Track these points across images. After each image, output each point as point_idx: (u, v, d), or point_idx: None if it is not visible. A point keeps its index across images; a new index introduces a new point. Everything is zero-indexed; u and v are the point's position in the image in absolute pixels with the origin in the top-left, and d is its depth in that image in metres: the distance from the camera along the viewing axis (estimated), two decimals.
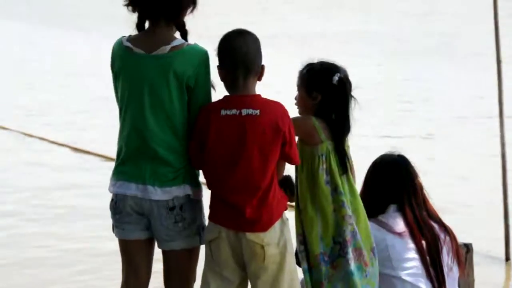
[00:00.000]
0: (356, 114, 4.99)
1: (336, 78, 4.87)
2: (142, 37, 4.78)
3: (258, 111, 4.67)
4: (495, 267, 8.25)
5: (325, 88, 4.87)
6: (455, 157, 12.52)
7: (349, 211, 4.80)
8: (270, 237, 4.71)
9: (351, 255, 4.79)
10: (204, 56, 4.75)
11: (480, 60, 19.30)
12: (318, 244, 4.81)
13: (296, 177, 4.88)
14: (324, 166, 4.83)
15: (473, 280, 5.84)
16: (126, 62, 4.76)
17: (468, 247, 5.78)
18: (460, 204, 9.87)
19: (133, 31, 4.84)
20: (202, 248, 4.92)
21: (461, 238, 5.81)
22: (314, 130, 4.85)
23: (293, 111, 4.97)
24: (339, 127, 4.86)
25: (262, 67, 4.77)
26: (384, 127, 14.17)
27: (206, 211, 4.90)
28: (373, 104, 14.47)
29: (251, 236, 4.70)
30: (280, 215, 4.74)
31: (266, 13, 32.15)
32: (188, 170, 4.80)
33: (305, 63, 4.98)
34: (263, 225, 4.70)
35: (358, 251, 4.83)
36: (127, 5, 4.79)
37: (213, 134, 4.70)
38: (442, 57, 21.39)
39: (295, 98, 4.97)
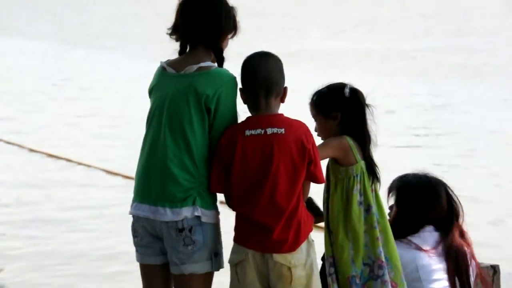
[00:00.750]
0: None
1: (347, 90, 4.87)
2: (178, 59, 4.80)
3: (283, 130, 4.67)
4: None
5: (341, 104, 4.88)
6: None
7: (378, 232, 4.79)
8: (297, 258, 4.68)
9: (387, 276, 4.76)
10: (228, 79, 4.72)
11: None
12: (350, 267, 4.77)
13: (327, 198, 4.87)
14: (359, 186, 4.80)
15: None
16: (158, 81, 4.78)
17: (495, 269, 5.71)
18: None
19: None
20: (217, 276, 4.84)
21: (489, 257, 5.92)
22: (350, 149, 4.84)
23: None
24: (361, 136, 4.85)
25: (285, 89, 4.78)
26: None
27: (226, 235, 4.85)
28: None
29: (278, 257, 4.67)
30: (306, 236, 4.72)
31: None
32: (201, 192, 4.72)
33: (311, 94, 4.98)
34: (290, 246, 4.67)
35: (393, 273, 4.82)
36: (170, 34, 4.82)
37: (239, 154, 4.68)
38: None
39: (315, 130, 4.95)
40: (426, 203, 5.18)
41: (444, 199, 5.22)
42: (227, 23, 4.78)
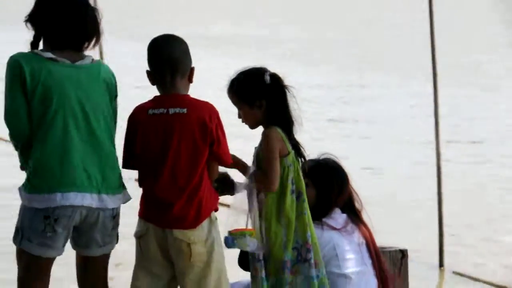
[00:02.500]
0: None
1: (267, 77, 4.82)
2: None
3: (185, 110, 4.69)
4: (429, 273, 8.21)
5: (264, 91, 4.81)
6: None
7: (307, 217, 4.82)
8: (197, 235, 4.69)
9: (313, 260, 4.79)
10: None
11: None
12: (283, 252, 4.78)
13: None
14: (291, 175, 4.79)
15: (407, 285, 5.74)
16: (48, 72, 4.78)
17: (403, 253, 5.71)
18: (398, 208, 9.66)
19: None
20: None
21: (398, 242, 5.89)
22: (282, 141, 4.81)
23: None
24: (287, 122, 4.81)
25: (192, 69, 4.80)
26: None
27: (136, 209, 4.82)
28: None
29: (177, 233, 4.68)
30: (208, 214, 4.73)
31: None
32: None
33: (228, 81, 4.90)
34: (190, 223, 4.68)
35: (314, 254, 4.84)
36: None
37: (140, 132, 4.72)
38: None
39: (239, 117, 4.90)
40: (339, 187, 5.25)
41: (344, 178, 5.29)
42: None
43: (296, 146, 4.83)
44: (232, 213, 4.94)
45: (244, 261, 5.03)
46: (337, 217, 5.21)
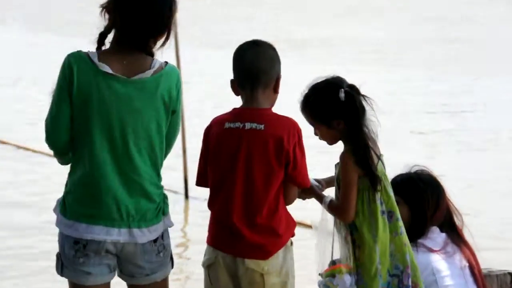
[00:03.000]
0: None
1: (342, 94, 4.64)
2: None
3: (263, 126, 4.60)
4: None
5: (340, 111, 4.67)
6: None
7: (404, 238, 4.73)
8: (271, 265, 4.63)
9: (411, 283, 4.71)
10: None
11: None
12: (378, 280, 4.67)
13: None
14: (379, 195, 4.67)
15: None
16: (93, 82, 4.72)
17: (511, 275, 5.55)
18: None
19: None
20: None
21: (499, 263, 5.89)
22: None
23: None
24: (362, 140, 4.70)
25: (277, 80, 4.68)
26: None
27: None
28: None
29: (250, 263, 4.62)
30: (285, 242, 4.66)
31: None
32: (165, 201, 4.67)
33: (300, 98, 4.78)
34: (265, 252, 4.61)
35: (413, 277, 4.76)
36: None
37: (213, 147, 4.67)
38: None
39: (315, 134, 4.81)
40: (435, 202, 5.10)
41: (441, 193, 5.15)
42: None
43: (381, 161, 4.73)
44: (318, 237, 4.84)
45: None
46: (435, 236, 5.08)
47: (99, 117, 4.49)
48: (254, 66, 4.63)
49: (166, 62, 4.58)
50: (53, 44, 24.99)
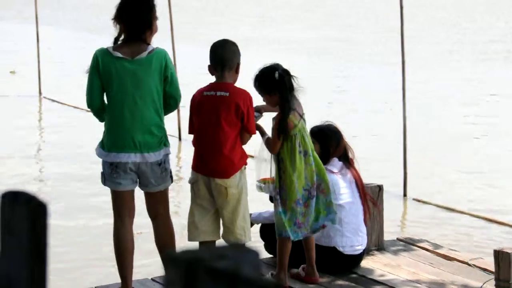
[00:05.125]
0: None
1: (276, 75, 4.68)
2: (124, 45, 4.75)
3: (228, 93, 4.61)
4: (396, 202, 8.02)
5: (275, 85, 4.68)
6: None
7: (314, 166, 4.75)
8: (231, 181, 4.66)
9: (315, 195, 4.76)
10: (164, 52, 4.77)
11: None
12: (296, 193, 4.70)
13: (279, 153, 4.73)
14: (298, 140, 4.70)
15: (382, 210, 5.70)
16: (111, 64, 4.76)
17: (380, 187, 5.65)
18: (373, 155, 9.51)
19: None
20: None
21: (374, 179, 5.80)
22: (290, 121, 4.69)
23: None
24: (287, 105, 4.68)
25: (238, 65, 4.68)
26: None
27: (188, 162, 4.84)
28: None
29: (218, 180, 4.68)
30: (240, 167, 4.69)
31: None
32: (166, 136, 4.74)
33: (253, 77, 4.77)
34: (227, 174, 4.66)
35: (321, 187, 4.78)
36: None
37: (198, 107, 4.66)
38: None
39: (264, 101, 4.80)
40: (335, 142, 5.16)
41: (339, 136, 5.22)
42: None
43: (303, 118, 4.74)
44: (257, 161, 4.88)
45: (264, 232, 5.10)
46: (335, 163, 5.13)
47: (117, 84, 4.56)
48: (223, 55, 4.63)
49: (157, 47, 4.62)
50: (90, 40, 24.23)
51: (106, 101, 4.68)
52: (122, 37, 4.64)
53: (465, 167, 9.55)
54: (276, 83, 4.65)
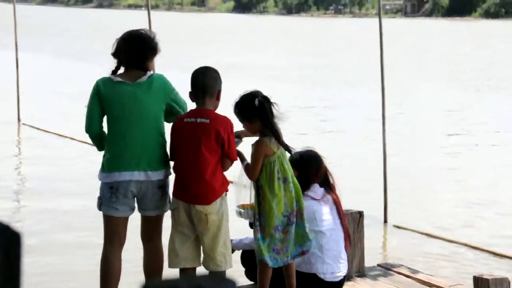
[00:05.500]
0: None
1: (256, 102, 4.62)
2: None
3: (208, 120, 4.56)
4: (377, 227, 8.00)
5: (256, 113, 4.62)
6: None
7: (293, 193, 4.69)
8: (212, 208, 4.61)
9: (295, 222, 4.70)
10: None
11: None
12: (275, 220, 4.64)
13: (258, 179, 4.66)
14: (277, 167, 4.63)
15: (363, 236, 5.68)
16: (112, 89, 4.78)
17: (360, 214, 5.64)
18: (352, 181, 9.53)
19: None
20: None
21: (354, 206, 5.79)
22: (268, 148, 4.63)
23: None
24: (275, 131, 4.64)
25: (218, 91, 4.64)
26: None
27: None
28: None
29: (198, 207, 4.61)
30: (221, 194, 4.63)
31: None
32: (167, 155, 4.73)
33: (233, 105, 4.70)
34: (207, 200, 4.60)
35: (300, 213, 4.72)
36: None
37: (178, 134, 4.62)
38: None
39: (244, 127, 4.74)
40: (315, 169, 5.11)
41: (319, 162, 5.19)
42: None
43: (285, 145, 4.67)
44: (236, 187, 4.82)
45: (245, 259, 5.09)
46: (316, 190, 5.09)
47: (118, 106, 4.60)
48: (204, 82, 4.59)
49: (155, 73, 4.72)
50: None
51: (106, 126, 4.67)
52: (124, 70, 4.71)
53: (445, 194, 9.59)
54: (256, 110, 4.60)
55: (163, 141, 4.66)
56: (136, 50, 4.65)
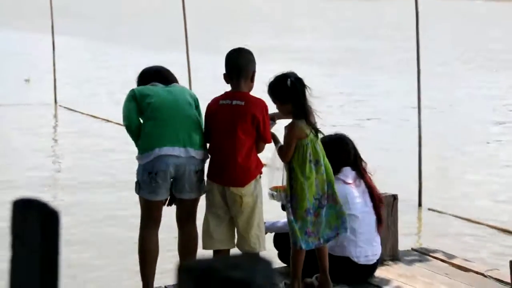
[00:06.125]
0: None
1: (289, 82, 4.60)
2: None
3: (243, 102, 4.58)
4: (411, 211, 7.97)
5: (288, 93, 4.60)
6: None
7: (325, 176, 4.69)
8: (246, 190, 4.63)
9: (325, 205, 4.70)
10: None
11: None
12: (306, 202, 4.64)
13: (291, 161, 4.66)
14: (309, 150, 4.63)
15: (397, 219, 5.67)
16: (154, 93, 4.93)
17: (394, 197, 5.63)
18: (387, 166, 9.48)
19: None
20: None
21: (389, 190, 5.73)
22: (302, 130, 4.63)
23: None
24: (306, 114, 4.62)
25: (253, 73, 4.64)
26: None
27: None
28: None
29: (232, 189, 4.64)
30: (255, 176, 4.66)
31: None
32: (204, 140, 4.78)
33: (267, 84, 4.70)
34: (242, 182, 4.63)
35: (333, 197, 4.72)
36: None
37: (214, 116, 4.64)
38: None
39: (277, 108, 4.73)
40: (344, 150, 5.12)
41: (351, 146, 5.17)
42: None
43: (316, 129, 4.66)
44: (269, 169, 4.84)
45: (278, 241, 5.10)
46: (347, 173, 5.09)
47: (155, 98, 4.67)
48: (238, 64, 4.59)
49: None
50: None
51: (143, 116, 4.71)
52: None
53: (482, 178, 9.50)
54: (289, 90, 4.59)
55: (200, 125, 4.72)
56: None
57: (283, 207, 4.82)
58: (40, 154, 10.48)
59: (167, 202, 4.86)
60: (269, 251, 5.04)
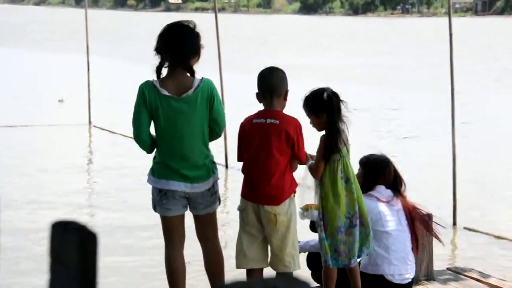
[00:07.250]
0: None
1: (325, 95, 4.60)
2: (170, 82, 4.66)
3: (278, 121, 4.57)
4: (446, 230, 7.88)
5: (324, 106, 4.60)
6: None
7: (355, 195, 4.65)
8: (281, 209, 4.61)
9: (358, 224, 4.66)
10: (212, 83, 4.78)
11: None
12: (337, 220, 4.62)
13: (321, 177, 4.64)
14: (340, 166, 4.60)
15: (432, 239, 5.56)
16: (159, 101, 4.69)
17: (429, 216, 5.47)
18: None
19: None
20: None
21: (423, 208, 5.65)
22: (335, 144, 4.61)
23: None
24: (334, 126, 4.61)
25: (286, 92, 4.63)
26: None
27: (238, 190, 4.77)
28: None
29: (267, 208, 4.62)
30: (289, 195, 4.64)
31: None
32: (213, 162, 4.72)
33: (303, 98, 4.69)
34: (277, 201, 4.60)
35: (362, 218, 4.67)
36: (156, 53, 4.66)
37: (249, 135, 4.62)
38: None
39: (311, 123, 4.69)
40: (380, 168, 5.08)
41: (391, 168, 5.15)
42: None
43: (343, 143, 4.62)
44: (300, 188, 4.80)
45: (313, 227, 5.00)
46: (381, 191, 5.05)
47: (165, 120, 4.57)
48: (271, 83, 4.58)
49: (202, 78, 4.59)
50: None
51: (154, 131, 4.66)
52: (168, 67, 4.60)
53: None
54: (324, 103, 4.57)
55: (208, 151, 4.65)
56: (181, 45, 4.53)
57: (312, 227, 4.79)
58: (76, 175, 10.55)
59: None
60: (302, 271, 5.01)
